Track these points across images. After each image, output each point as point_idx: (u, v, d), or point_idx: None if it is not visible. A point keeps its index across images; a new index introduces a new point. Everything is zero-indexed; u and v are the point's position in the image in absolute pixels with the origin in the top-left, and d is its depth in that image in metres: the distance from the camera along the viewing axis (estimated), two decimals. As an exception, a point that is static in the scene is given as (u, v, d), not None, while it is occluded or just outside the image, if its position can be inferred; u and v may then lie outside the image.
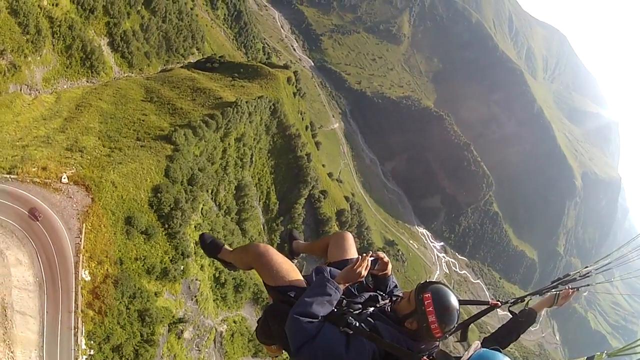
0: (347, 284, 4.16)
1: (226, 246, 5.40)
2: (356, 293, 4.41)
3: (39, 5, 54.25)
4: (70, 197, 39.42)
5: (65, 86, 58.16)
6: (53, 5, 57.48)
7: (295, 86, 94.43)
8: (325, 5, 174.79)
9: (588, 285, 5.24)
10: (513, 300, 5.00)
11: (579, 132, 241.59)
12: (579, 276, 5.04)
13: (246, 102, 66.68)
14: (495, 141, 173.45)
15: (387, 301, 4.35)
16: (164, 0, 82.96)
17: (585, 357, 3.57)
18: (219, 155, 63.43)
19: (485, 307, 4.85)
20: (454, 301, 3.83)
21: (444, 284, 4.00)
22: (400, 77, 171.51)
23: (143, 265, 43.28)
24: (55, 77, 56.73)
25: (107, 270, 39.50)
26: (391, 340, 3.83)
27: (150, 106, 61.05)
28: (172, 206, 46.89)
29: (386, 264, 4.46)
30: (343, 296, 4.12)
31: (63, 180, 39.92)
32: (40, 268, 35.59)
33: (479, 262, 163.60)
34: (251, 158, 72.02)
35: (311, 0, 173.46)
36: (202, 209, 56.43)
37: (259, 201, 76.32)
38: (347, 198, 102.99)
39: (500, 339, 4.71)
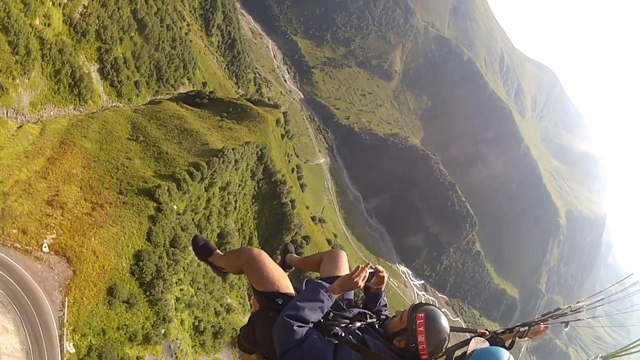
0: (341, 293, 4.17)
1: (218, 251, 5.36)
2: (345, 307, 4.41)
3: (30, 25, 52.78)
4: (52, 268, 39.35)
5: (52, 113, 56.95)
6: (45, 25, 55.92)
7: (284, 128, 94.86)
8: (320, 38, 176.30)
9: (561, 323, 4.86)
10: (502, 330, 4.90)
11: (566, 169, 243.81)
12: (570, 311, 4.79)
13: (232, 149, 66.46)
14: (481, 180, 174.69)
15: (375, 319, 4.35)
16: (158, 27, 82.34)
17: None
18: (202, 205, 63.14)
19: (473, 335, 4.65)
20: (445, 325, 3.84)
21: (438, 308, 3.98)
22: (388, 114, 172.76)
23: (125, 334, 43.42)
24: (42, 102, 55.48)
25: (90, 341, 39.84)
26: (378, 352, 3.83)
27: (136, 147, 60.46)
28: (154, 275, 46.82)
29: (382, 278, 4.46)
30: (330, 309, 4.12)
31: (44, 249, 39.71)
32: (27, 337, 35.75)
33: (459, 300, 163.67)
34: (235, 204, 71.78)
35: (306, 31, 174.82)
36: (182, 263, 56.30)
37: (241, 247, 76.09)
38: (329, 241, 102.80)
39: None
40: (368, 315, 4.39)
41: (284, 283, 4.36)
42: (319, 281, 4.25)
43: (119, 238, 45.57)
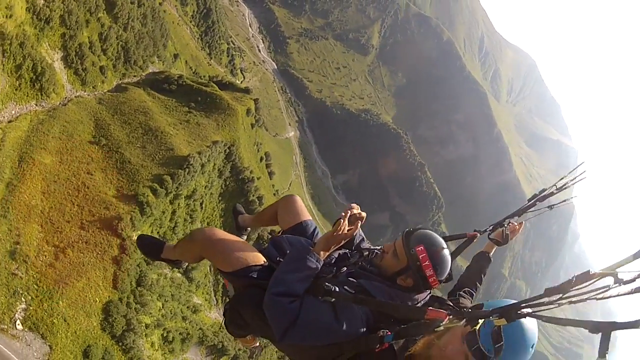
0: (328, 253, 3.70)
1: (168, 243, 4.87)
2: None
3: (-9, 20, 50.13)
4: (29, 345, 40.50)
5: (13, 111, 54.12)
6: (7, 17, 52.61)
7: (255, 117, 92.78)
8: (298, 8, 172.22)
9: (550, 207, 4.95)
10: (492, 225, 4.99)
11: (537, 157, 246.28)
12: (556, 189, 4.91)
13: (199, 154, 64.44)
14: (451, 161, 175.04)
15: (358, 257, 3.96)
16: (129, 5, 77.58)
17: None
18: (167, 219, 61.28)
19: (464, 240, 4.80)
20: (444, 244, 3.57)
21: (426, 229, 3.68)
22: (362, 89, 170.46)
23: (105, 387, 44.99)
24: (3, 100, 52.72)
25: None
26: (382, 297, 3.47)
27: (98, 154, 57.96)
28: (124, 328, 47.57)
29: (363, 217, 3.85)
30: None
31: (18, 326, 40.52)
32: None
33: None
34: (201, 205, 69.97)
35: (284, 0, 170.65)
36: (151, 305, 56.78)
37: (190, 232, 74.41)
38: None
39: (467, 285, 4.65)
40: (349, 254, 4.00)
41: (250, 253, 3.84)
42: (303, 245, 3.92)
43: (86, 294, 45.87)
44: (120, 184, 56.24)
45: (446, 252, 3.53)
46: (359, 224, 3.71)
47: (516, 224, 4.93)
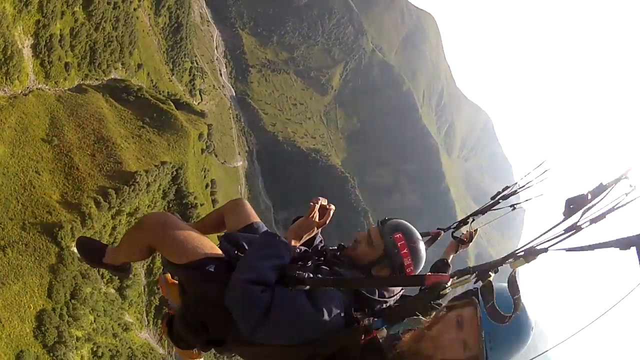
0: (300, 241, 3.40)
1: (110, 246, 4.24)
2: None
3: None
4: None
5: None
6: None
7: (206, 142, 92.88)
8: (266, 38, 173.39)
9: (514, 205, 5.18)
10: (455, 223, 5.03)
11: (484, 215, 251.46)
12: (519, 187, 4.81)
13: (146, 172, 64.43)
14: (395, 211, 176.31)
15: (322, 252, 3.60)
16: (104, 4, 77.05)
17: None
18: (107, 233, 60.45)
19: (428, 238, 4.71)
20: (418, 234, 3.44)
21: (400, 218, 3.53)
22: (315, 128, 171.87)
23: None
24: None
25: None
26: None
27: (48, 154, 57.53)
28: (56, 340, 47.74)
29: (332, 209, 3.58)
30: None
31: None
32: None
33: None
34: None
35: (254, 28, 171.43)
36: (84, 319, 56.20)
37: (143, 266, 73.69)
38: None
39: None
40: (308, 252, 3.62)
41: (208, 244, 3.41)
42: (271, 233, 3.44)
43: (21, 299, 46.23)
44: (66, 189, 56.12)
45: (422, 244, 3.41)
46: (331, 214, 3.50)
47: (472, 230, 5.06)
